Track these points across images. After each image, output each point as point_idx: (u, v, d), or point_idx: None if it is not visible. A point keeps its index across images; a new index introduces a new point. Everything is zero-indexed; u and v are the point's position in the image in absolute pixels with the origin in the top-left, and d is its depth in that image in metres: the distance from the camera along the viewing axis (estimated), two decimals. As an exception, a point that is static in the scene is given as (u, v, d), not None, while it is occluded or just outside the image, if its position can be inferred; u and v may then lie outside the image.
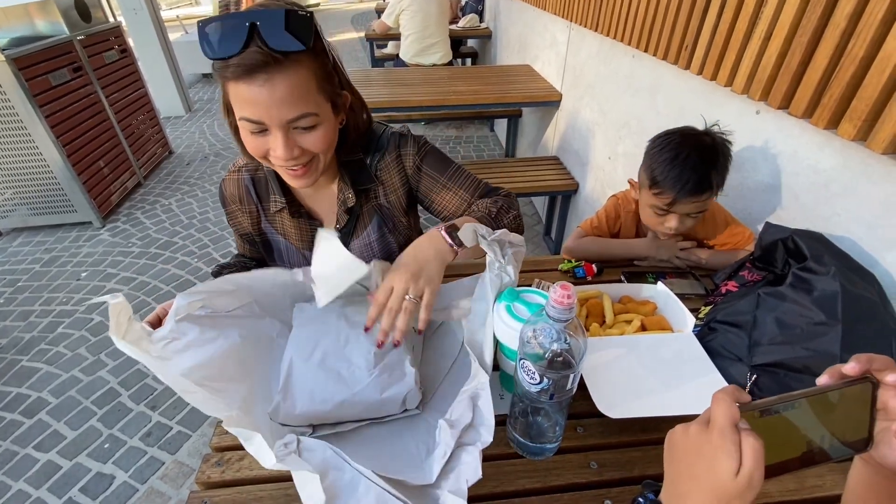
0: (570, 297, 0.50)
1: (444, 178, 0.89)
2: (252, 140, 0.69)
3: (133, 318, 0.63)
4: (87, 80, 2.75)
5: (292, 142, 0.69)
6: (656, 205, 1.01)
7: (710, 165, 0.95)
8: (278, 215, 0.89)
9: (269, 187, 0.86)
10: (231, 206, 0.91)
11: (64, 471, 1.51)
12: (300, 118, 0.67)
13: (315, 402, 0.67)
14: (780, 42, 0.96)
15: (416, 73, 2.91)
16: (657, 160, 0.99)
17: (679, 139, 0.99)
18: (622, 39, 1.67)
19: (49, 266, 2.46)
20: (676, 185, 0.95)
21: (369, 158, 0.87)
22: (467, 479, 0.54)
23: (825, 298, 0.72)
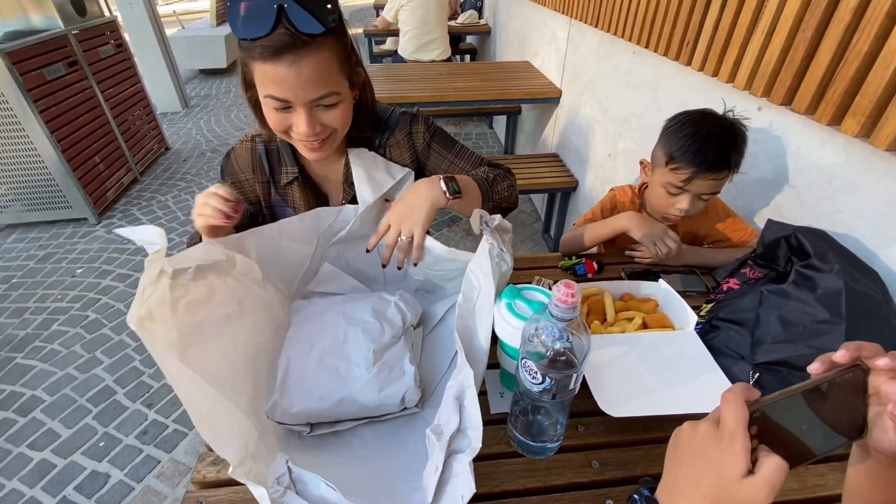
0: (574, 296, 0.49)
1: (451, 156, 0.93)
2: (275, 116, 0.72)
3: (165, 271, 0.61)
4: (82, 74, 2.72)
5: (315, 119, 0.72)
6: (672, 182, 0.98)
7: (730, 142, 0.94)
8: (289, 187, 0.90)
9: (282, 158, 0.88)
10: (239, 175, 0.89)
11: (58, 469, 1.50)
12: (324, 97, 0.70)
13: (313, 399, 0.66)
14: (783, 37, 0.96)
15: (414, 70, 2.89)
16: (676, 136, 0.97)
17: (698, 117, 0.98)
18: (622, 35, 1.66)
19: (44, 263, 2.43)
20: (696, 159, 0.94)
21: (378, 137, 0.91)
22: (462, 496, 0.51)
23: (829, 296, 0.72)
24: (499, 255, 0.69)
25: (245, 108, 4.58)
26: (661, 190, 1.02)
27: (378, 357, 0.69)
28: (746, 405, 0.34)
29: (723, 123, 0.96)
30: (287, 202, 0.92)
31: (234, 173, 0.89)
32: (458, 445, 0.56)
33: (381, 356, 0.69)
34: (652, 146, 1.55)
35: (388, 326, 0.74)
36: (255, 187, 0.90)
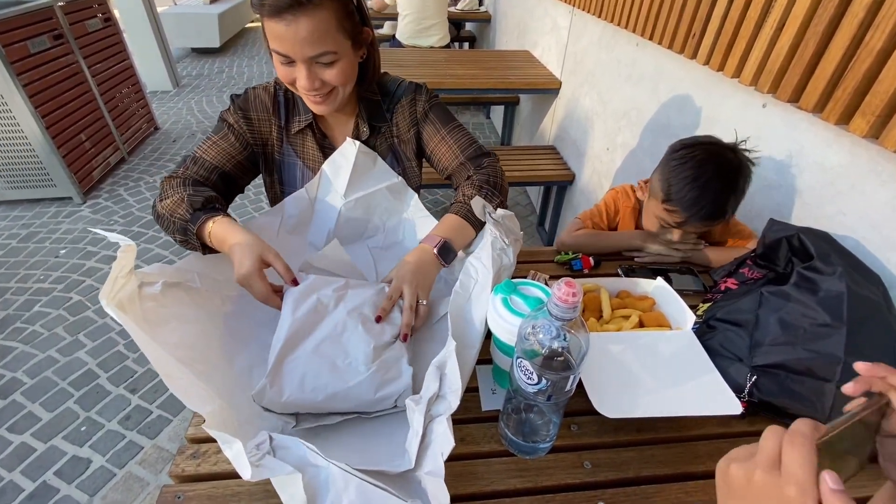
0: (576, 296, 0.47)
1: (444, 131, 0.95)
2: (282, 69, 0.77)
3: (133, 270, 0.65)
4: (68, 48, 2.63)
5: (314, 74, 0.77)
6: (664, 218, 0.97)
7: (730, 192, 0.91)
8: (300, 136, 0.93)
9: (297, 107, 0.91)
10: (251, 113, 0.90)
11: (38, 453, 1.47)
12: (320, 56, 0.75)
13: (305, 390, 0.63)
14: (794, 32, 0.93)
15: (412, 55, 2.83)
16: (676, 176, 0.93)
17: (703, 156, 0.93)
18: (626, 26, 1.63)
19: (26, 242, 2.37)
20: (692, 208, 0.92)
21: (386, 104, 0.95)
22: (442, 453, 0.53)
23: (830, 299, 0.70)
24: (501, 249, 0.67)
25: (237, 89, 4.51)
26: (654, 219, 1.00)
27: (377, 355, 0.67)
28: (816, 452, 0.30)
29: (727, 168, 0.91)
30: (296, 152, 0.94)
31: (248, 109, 0.90)
32: (436, 409, 0.57)
33: (381, 354, 0.67)
34: (651, 141, 1.54)
35: (388, 327, 0.71)
36: (267, 129, 0.91)
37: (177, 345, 0.63)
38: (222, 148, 0.88)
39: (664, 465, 0.65)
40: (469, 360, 0.64)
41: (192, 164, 0.87)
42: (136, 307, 0.64)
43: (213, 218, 0.76)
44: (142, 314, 0.64)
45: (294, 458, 0.52)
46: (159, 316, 0.66)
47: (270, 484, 0.60)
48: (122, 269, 0.61)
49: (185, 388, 0.56)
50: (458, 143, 0.94)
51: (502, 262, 0.69)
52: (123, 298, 0.62)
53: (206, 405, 0.56)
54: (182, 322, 0.68)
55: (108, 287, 0.59)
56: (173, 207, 0.77)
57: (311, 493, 0.49)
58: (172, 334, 0.65)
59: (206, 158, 0.87)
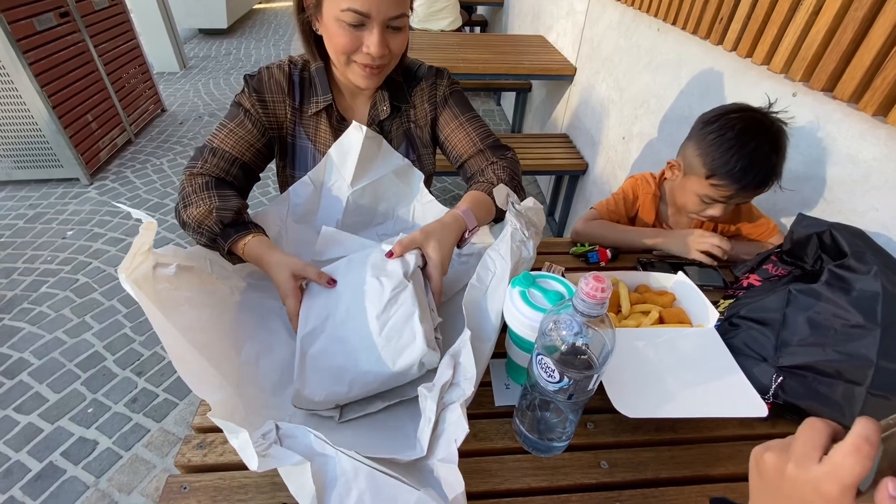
0: (605, 291, 0.44)
1: (463, 118, 0.93)
2: (347, 35, 0.74)
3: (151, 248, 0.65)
4: (74, 26, 2.59)
5: (385, 40, 0.75)
6: (709, 195, 0.92)
7: (776, 153, 0.86)
8: (314, 118, 0.89)
9: (315, 88, 0.87)
10: (266, 95, 0.86)
11: (45, 434, 1.47)
12: (398, 17, 0.74)
13: (330, 384, 0.62)
14: (831, 16, 0.88)
15: (423, 38, 2.77)
16: (718, 149, 0.88)
17: (742, 124, 0.88)
18: (647, 10, 1.57)
19: (34, 223, 2.36)
20: (743, 178, 0.87)
21: (407, 85, 0.93)
22: (455, 439, 0.51)
23: (864, 299, 0.67)
24: (521, 241, 0.64)
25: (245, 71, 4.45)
26: (695, 197, 0.95)
27: (382, 324, 0.63)
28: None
29: (768, 130, 0.87)
30: (308, 135, 0.91)
31: (262, 91, 0.86)
32: (450, 397, 0.55)
33: (386, 322, 0.64)
34: (671, 130, 1.49)
35: (386, 281, 0.66)
36: (282, 110, 0.88)
37: (187, 328, 0.62)
38: (240, 136, 0.85)
39: (683, 466, 0.63)
40: (485, 353, 0.62)
41: (212, 156, 0.83)
42: (151, 287, 0.63)
43: (244, 238, 0.76)
44: (155, 294, 0.63)
45: (301, 447, 0.50)
46: (172, 298, 0.65)
47: (278, 476, 0.58)
48: (142, 246, 0.61)
49: (196, 373, 0.55)
50: (478, 132, 0.92)
51: (521, 255, 0.66)
52: (139, 277, 0.61)
53: (215, 393, 0.54)
54: (194, 306, 0.67)
55: (128, 262, 0.58)
56: (200, 219, 0.77)
57: (320, 482, 0.47)
58: (183, 317, 0.64)
59: (224, 149, 0.84)
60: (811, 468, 0.29)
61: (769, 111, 0.89)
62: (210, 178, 0.81)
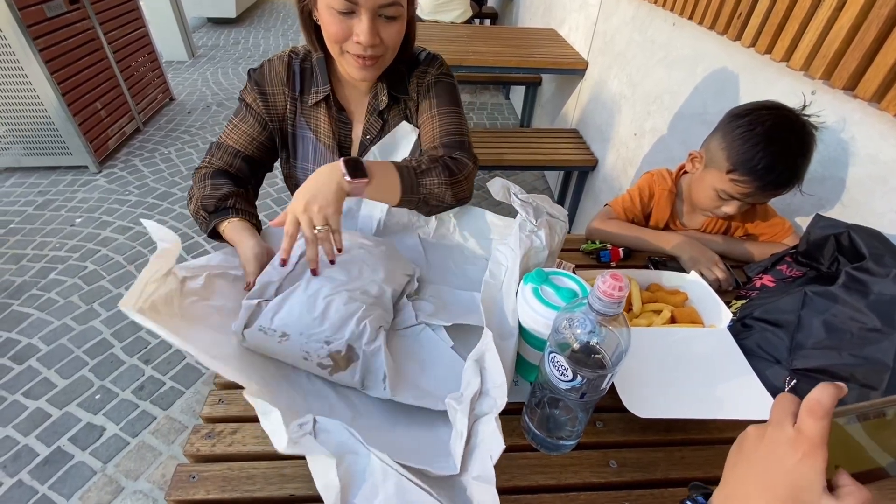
0: (622, 290, 0.43)
1: (437, 110, 0.88)
2: (337, 23, 0.72)
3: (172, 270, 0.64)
4: (84, 13, 2.59)
5: (376, 28, 0.73)
6: (727, 191, 0.90)
7: (803, 156, 0.84)
8: (314, 109, 0.89)
9: (315, 78, 0.87)
10: (267, 88, 0.87)
11: (53, 419, 1.49)
12: (390, 5, 0.71)
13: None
14: (855, 13, 0.86)
15: (433, 30, 2.74)
16: (744, 144, 0.86)
17: (772, 120, 0.85)
18: (662, 5, 1.54)
19: (42, 210, 2.38)
20: (766, 176, 0.84)
21: (408, 73, 0.91)
22: (491, 456, 0.49)
23: (882, 303, 0.66)
24: (530, 231, 0.63)
25: (253, 61, 4.44)
26: (712, 192, 0.93)
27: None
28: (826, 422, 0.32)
29: (797, 131, 0.84)
30: (310, 125, 0.91)
31: (263, 84, 0.87)
32: (481, 409, 0.54)
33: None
34: (684, 127, 1.47)
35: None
36: (282, 102, 0.89)
37: (214, 341, 0.63)
38: (243, 131, 0.88)
39: (694, 467, 0.62)
40: (509, 352, 0.61)
41: (217, 150, 0.87)
42: (175, 306, 0.62)
43: (223, 222, 0.78)
44: (180, 312, 0.63)
45: (335, 443, 0.49)
46: (201, 311, 0.66)
47: (287, 468, 0.59)
48: (156, 273, 0.59)
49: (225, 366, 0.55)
50: (443, 127, 0.86)
51: (532, 244, 0.65)
52: (158, 300, 0.60)
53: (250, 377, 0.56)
54: (223, 315, 0.67)
55: (136, 293, 0.56)
56: (195, 210, 0.81)
57: (347, 480, 0.47)
58: (211, 330, 0.64)
59: (228, 143, 0.87)
60: (786, 427, 0.33)
61: (802, 112, 0.87)
62: (210, 169, 0.85)
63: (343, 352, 0.62)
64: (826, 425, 0.31)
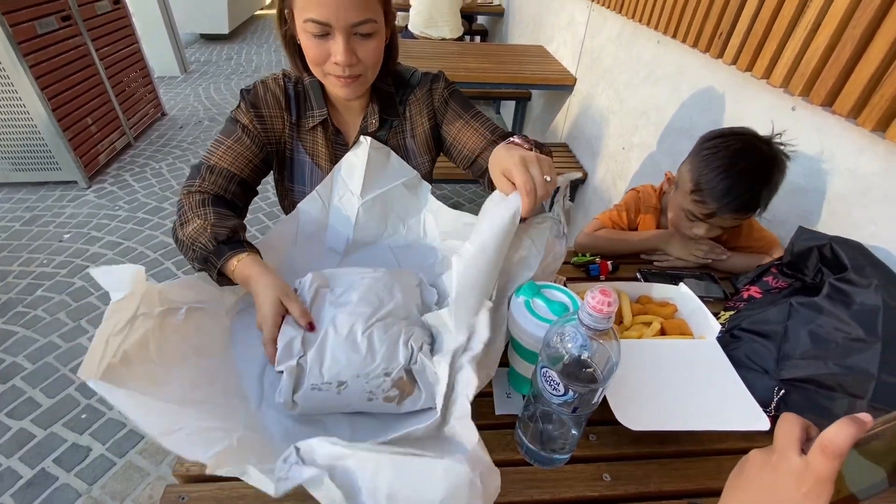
0: (611, 305, 0.44)
1: (468, 116, 0.92)
2: (314, 46, 0.73)
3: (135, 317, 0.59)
4: (76, 30, 2.60)
5: (352, 48, 0.73)
6: (691, 210, 0.93)
7: (763, 184, 0.87)
8: (311, 133, 0.89)
9: (310, 101, 0.87)
10: (263, 110, 0.85)
11: (38, 440, 1.45)
12: (363, 23, 0.71)
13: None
14: (830, 33, 0.89)
15: (424, 46, 2.79)
16: (707, 165, 0.90)
17: (737, 146, 0.89)
18: (647, 23, 1.59)
19: (30, 225, 2.35)
20: (723, 199, 0.88)
21: (400, 95, 0.91)
22: (467, 395, 0.53)
23: (865, 313, 0.67)
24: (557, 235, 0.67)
25: (245, 76, 4.47)
26: (681, 211, 0.96)
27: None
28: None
29: (763, 159, 0.88)
30: (306, 148, 0.90)
31: (259, 106, 0.85)
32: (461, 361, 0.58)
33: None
34: (671, 142, 1.50)
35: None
36: (280, 125, 0.87)
37: (194, 383, 0.60)
38: (238, 153, 0.83)
39: (687, 479, 0.62)
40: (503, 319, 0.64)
41: (209, 174, 0.81)
42: (151, 350, 0.59)
43: (237, 255, 0.71)
44: (157, 356, 0.59)
45: (323, 457, 0.49)
46: (180, 352, 0.63)
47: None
48: (116, 326, 0.55)
49: (187, 438, 0.50)
50: (486, 126, 0.90)
51: (555, 249, 0.67)
52: (130, 349, 0.56)
53: (213, 447, 0.50)
54: (201, 356, 0.65)
55: (96, 356, 0.51)
56: (195, 236, 0.73)
57: (347, 486, 0.46)
58: (190, 371, 0.62)
59: (223, 166, 0.82)
60: (792, 458, 0.32)
61: (772, 140, 0.90)
62: (208, 195, 0.79)
63: (405, 377, 0.62)
64: (837, 465, 0.30)
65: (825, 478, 0.30)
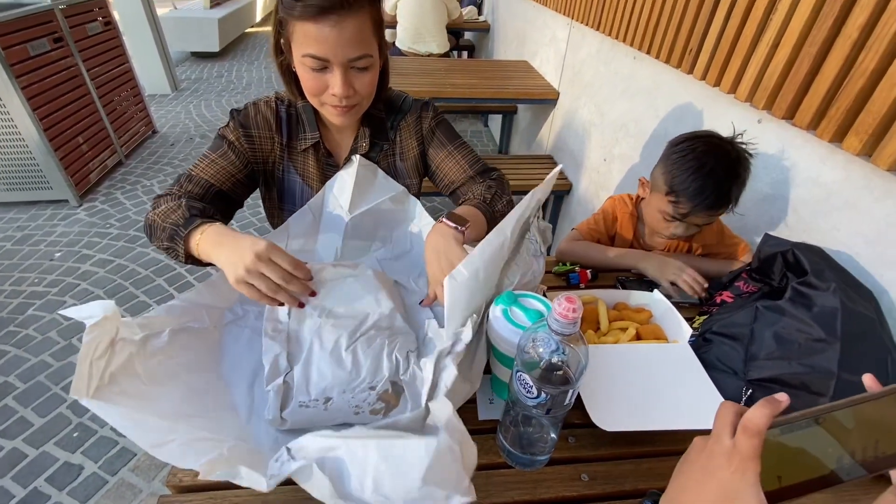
0: (576, 311, 0.47)
1: (451, 146, 0.96)
2: (312, 78, 0.76)
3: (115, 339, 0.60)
4: (67, 51, 2.63)
5: (349, 80, 0.76)
6: (668, 212, 0.98)
7: (732, 180, 0.93)
8: (302, 155, 0.91)
9: (302, 124, 0.89)
10: (252, 130, 0.87)
11: (30, 459, 1.45)
12: (360, 58, 0.74)
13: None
14: (789, 50, 0.95)
15: (412, 63, 2.85)
16: (679, 168, 0.95)
17: (704, 148, 0.95)
18: (624, 40, 1.65)
19: (21, 245, 2.35)
20: (697, 197, 0.93)
21: (391, 120, 0.95)
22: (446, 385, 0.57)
23: (825, 314, 0.71)
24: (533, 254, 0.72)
25: (236, 93, 4.51)
26: (657, 213, 1.01)
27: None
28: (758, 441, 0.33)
29: (728, 158, 0.93)
30: (297, 169, 0.93)
31: (248, 126, 0.87)
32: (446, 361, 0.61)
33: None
34: (648, 153, 1.56)
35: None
36: (269, 146, 0.90)
37: (184, 398, 0.62)
38: (221, 166, 0.85)
39: (661, 478, 0.64)
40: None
41: (188, 182, 0.83)
42: (138, 372, 0.60)
43: (208, 223, 0.71)
44: (145, 377, 0.61)
45: (313, 451, 0.51)
46: (168, 371, 0.64)
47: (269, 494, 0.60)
48: (97, 350, 0.56)
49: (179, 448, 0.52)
50: (466, 159, 0.96)
51: (532, 268, 0.71)
52: (117, 371, 0.58)
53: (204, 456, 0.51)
54: (190, 372, 0.66)
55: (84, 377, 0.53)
56: (167, 213, 0.75)
57: (336, 475, 0.49)
58: (180, 388, 0.63)
59: (202, 177, 0.84)
60: (724, 440, 0.35)
61: (734, 140, 0.95)
62: (183, 196, 0.80)
63: (390, 389, 0.64)
64: (758, 442, 0.33)
65: (749, 455, 0.33)
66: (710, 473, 0.35)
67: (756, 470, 0.32)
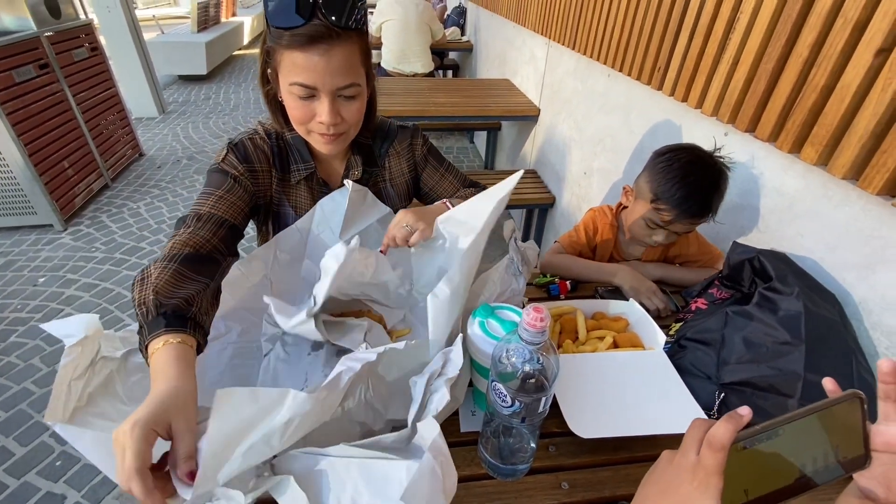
0: (543, 320, 0.49)
1: (442, 169, 1.06)
2: (299, 106, 0.76)
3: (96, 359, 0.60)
4: (53, 77, 2.65)
5: (336, 109, 0.77)
6: (652, 219, 1.01)
7: (714, 190, 0.97)
8: (296, 187, 0.92)
9: (293, 156, 0.90)
10: (255, 165, 0.87)
11: (11, 490, 1.42)
12: (348, 87, 0.76)
13: None
14: (747, 68, 1.00)
15: (397, 83, 2.91)
16: (664, 177, 0.99)
17: (688, 158, 0.99)
18: (598, 58, 1.71)
19: (4, 270, 2.33)
20: (682, 205, 0.96)
21: (378, 147, 0.98)
22: (436, 408, 0.56)
23: (789, 318, 0.74)
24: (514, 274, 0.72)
25: (224, 115, 4.53)
26: (641, 221, 1.04)
27: None
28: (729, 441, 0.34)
29: (710, 170, 0.98)
30: (290, 201, 0.94)
31: (251, 161, 0.86)
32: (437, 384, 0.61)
33: None
34: (625, 166, 1.60)
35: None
36: (267, 180, 0.90)
37: None
38: (231, 202, 0.80)
39: (638, 483, 0.66)
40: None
41: (196, 221, 0.75)
42: (118, 391, 0.59)
43: (165, 338, 0.57)
44: (125, 396, 0.60)
45: (298, 467, 0.52)
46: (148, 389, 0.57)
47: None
48: (76, 370, 0.55)
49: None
50: (456, 177, 1.07)
51: (511, 286, 0.73)
52: (96, 392, 0.57)
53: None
54: None
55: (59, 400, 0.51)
56: (142, 298, 0.62)
57: (316, 489, 0.49)
58: None
59: (214, 213, 0.77)
60: (690, 455, 0.36)
61: (714, 153, 1.00)
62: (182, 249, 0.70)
63: None
64: (721, 457, 0.33)
65: (712, 470, 0.33)
66: (675, 487, 0.36)
67: (718, 486, 0.33)
